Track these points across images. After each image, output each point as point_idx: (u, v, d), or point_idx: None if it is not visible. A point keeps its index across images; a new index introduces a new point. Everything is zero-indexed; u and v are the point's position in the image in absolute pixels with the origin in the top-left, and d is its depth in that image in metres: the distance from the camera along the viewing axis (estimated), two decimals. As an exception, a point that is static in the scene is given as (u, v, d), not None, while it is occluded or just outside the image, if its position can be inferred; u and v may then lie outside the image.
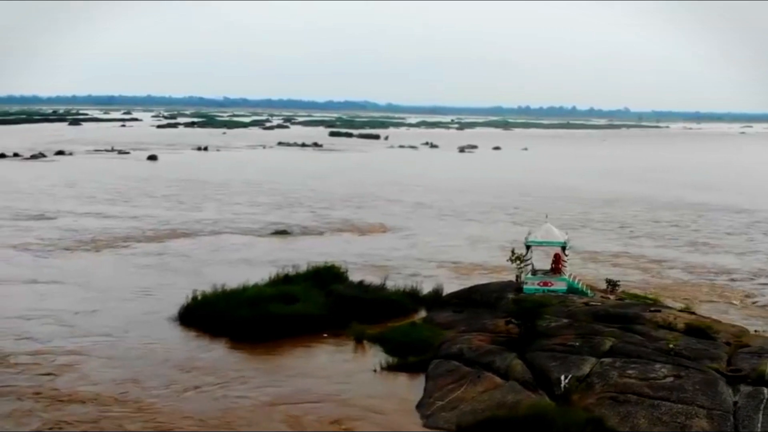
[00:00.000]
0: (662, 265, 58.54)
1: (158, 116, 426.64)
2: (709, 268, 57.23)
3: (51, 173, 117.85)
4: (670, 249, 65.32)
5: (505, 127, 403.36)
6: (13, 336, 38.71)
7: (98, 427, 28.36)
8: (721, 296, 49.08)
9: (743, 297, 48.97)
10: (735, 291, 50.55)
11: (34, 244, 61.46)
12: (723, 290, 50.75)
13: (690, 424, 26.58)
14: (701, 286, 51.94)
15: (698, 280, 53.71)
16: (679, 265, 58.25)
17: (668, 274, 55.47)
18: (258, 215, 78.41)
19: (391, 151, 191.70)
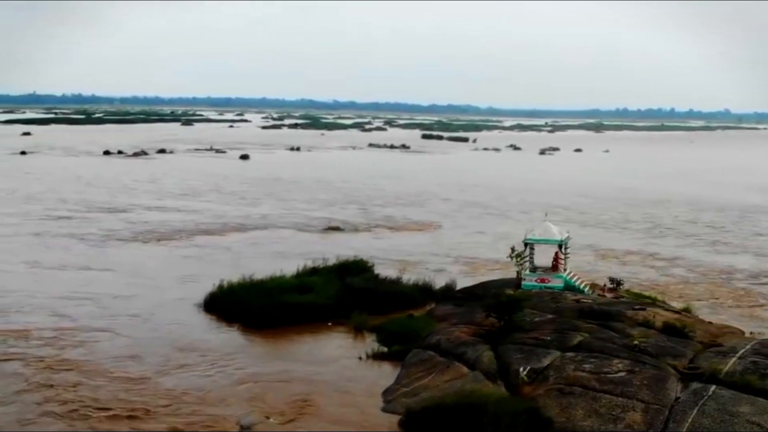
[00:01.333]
0: (674, 263, 57.67)
1: (267, 118, 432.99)
2: (720, 269, 56.02)
3: (141, 170, 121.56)
4: (690, 248, 64.22)
5: (596, 130, 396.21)
6: (48, 313, 40.97)
7: (73, 390, 30.42)
8: (725, 296, 48.03)
9: (743, 297, 47.91)
10: (736, 290, 49.67)
11: (96, 234, 63.97)
12: (727, 290, 49.67)
13: (623, 417, 26.42)
14: (704, 284, 51.13)
15: (702, 279, 52.82)
16: (689, 265, 57.24)
17: (675, 273, 54.68)
18: (310, 211, 79.44)
19: (473, 153, 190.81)
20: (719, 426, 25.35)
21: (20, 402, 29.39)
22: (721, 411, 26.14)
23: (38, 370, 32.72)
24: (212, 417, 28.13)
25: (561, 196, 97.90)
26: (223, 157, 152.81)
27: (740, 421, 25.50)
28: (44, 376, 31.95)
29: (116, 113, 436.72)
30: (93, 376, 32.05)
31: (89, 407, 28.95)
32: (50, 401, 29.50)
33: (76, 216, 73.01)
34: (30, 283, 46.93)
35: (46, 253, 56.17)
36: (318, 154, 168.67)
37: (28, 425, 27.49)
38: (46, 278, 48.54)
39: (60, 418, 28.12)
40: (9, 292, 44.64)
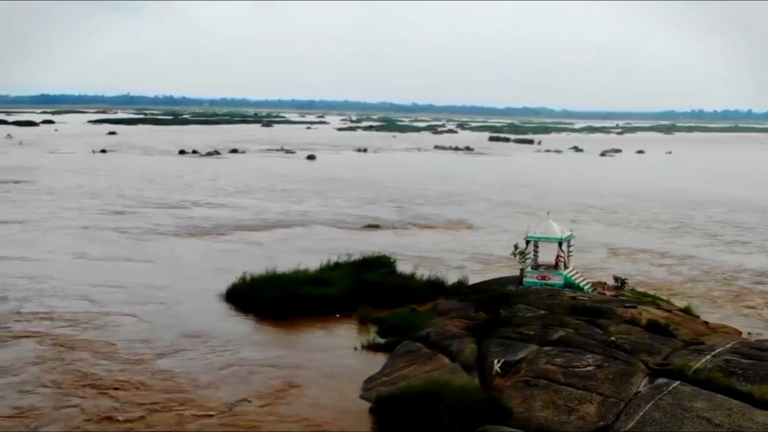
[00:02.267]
0: (683, 262, 57.06)
1: (346, 120, 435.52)
2: (727, 268, 55.10)
3: (207, 168, 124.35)
4: (706, 248, 63.28)
5: (667, 132, 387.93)
6: (80, 298, 42.93)
7: (72, 368, 31.95)
8: (728, 295, 47.27)
9: (744, 296, 47.19)
10: (740, 290, 48.87)
11: (144, 228, 66.07)
12: (730, 290, 48.86)
13: (578, 409, 26.44)
14: (709, 283, 50.49)
15: (705, 278, 52.16)
16: (698, 264, 56.52)
17: (683, 272, 54.16)
18: (350, 209, 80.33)
19: (533, 155, 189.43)
20: (669, 420, 25.21)
21: (25, 373, 31.23)
22: (675, 406, 25.96)
23: (52, 347, 34.54)
24: (199, 396, 29.20)
25: (600, 197, 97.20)
26: (290, 158, 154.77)
27: (691, 416, 25.31)
28: (55, 353, 33.77)
29: (203, 114, 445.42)
30: (99, 355, 33.62)
31: (83, 380, 30.61)
32: (51, 373, 31.30)
33: (129, 211, 75.36)
34: (71, 272, 48.97)
35: (94, 244, 58.38)
36: (382, 156, 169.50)
37: (25, 395, 29.11)
38: (87, 268, 50.52)
39: (56, 388, 29.90)
40: (50, 279, 46.79)
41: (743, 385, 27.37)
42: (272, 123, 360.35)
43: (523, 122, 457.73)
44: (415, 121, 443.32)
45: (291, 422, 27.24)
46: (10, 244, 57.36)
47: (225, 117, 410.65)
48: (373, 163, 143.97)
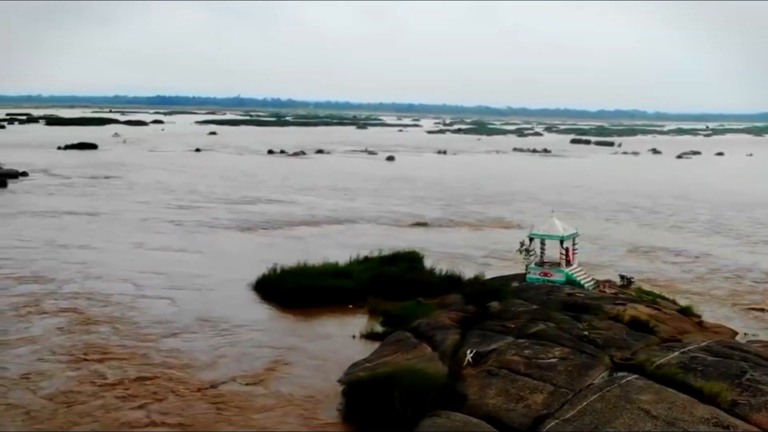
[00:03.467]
0: (696, 261, 56.22)
1: (439, 123, 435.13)
2: (738, 267, 54.00)
3: (285, 167, 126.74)
4: (728, 248, 62.11)
5: (756, 134, 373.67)
6: (122, 281, 45.43)
7: (87, 340, 34.48)
8: (735, 296, 46.26)
9: (747, 295, 46.18)
10: (746, 289, 47.91)
11: (203, 221, 68.49)
12: (740, 290, 47.75)
13: (527, 398, 26.78)
14: (716, 282, 49.66)
15: (713, 276, 51.31)
16: (710, 263, 55.48)
17: (695, 270, 53.27)
18: (400, 207, 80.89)
19: (608, 157, 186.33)
20: (608, 410, 25.30)
21: (48, 342, 33.99)
22: (621, 398, 26.02)
23: (79, 323, 36.98)
24: (187, 374, 30.73)
25: (651, 198, 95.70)
26: (371, 158, 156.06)
27: (631, 408, 25.34)
28: (78, 327, 36.25)
29: (305, 117, 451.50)
30: (117, 331, 35.96)
31: (92, 350, 33.11)
32: (67, 343, 33.80)
33: (194, 206, 77.99)
34: (124, 259, 51.48)
35: (152, 235, 60.93)
36: (458, 158, 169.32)
37: (37, 362, 31.56)
38: (140, 256, 52.89)
39: (67, 355, 32.52)
40: (101, 265, 49.41)
41: (697, 380, 27.21)
42: (367, 125, 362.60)
43: (614, 125, 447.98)
44: (505, 124, 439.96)
45: (266, 398, 28.46)
46: (76, 234, 60.39)
47: (325, 119, 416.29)
48: (446, 165, 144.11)
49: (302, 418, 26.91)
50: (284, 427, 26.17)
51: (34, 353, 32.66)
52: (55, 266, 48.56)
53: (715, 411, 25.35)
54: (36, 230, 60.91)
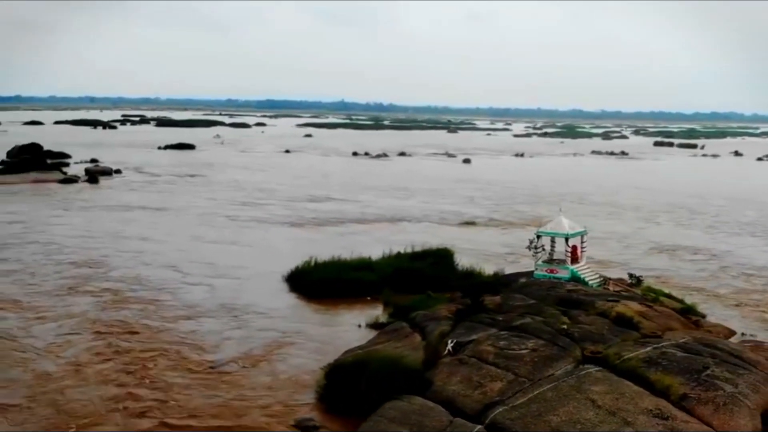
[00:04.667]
0: (714, 260, 55.02)
1: (529, 127, 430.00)
2: (758, 266, 52.70)
3: (362, 168, 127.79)
4: (750, 248, 60.33)
5: None
6: (169, 268, 47.86)
7: (112, 317, 36.90)
8: (741, 294, 45.22)
9: (752, 293, 45.00)
10: (754, 288, 46.74)
11: (261, 217, 70.32)
12: (749, 289, 46.70)
13: (485, 385, 27.16)
14: (728, 280, 48.63)
15: (723, 275, 50.23)
16: (724, 262, 54.21)
17: (709, 268, 52.14)
18: (450, 206, 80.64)
19: (685, 159, 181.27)
20: (556, 399, 25.61)
21: (82, 317, 36.91)
22: (573, 388, 26.29)
23: (114, 302, 39.60)
24: (195, 353, 32.38)
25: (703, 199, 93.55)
26: (448, 161, 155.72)
27: (580, 398, 25.62)
28: (114, 306, 38.91)
29: (402, 121, 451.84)
30: (145, 312, 38.11)
31: (115, 327, 35.60)
32: (97, 320, 36.48)
33: (257, 202, 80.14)
34: (177, 250, 53.88)
35: (210, 229, 63.23)
36: (533, 160, 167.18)
37: (66, 334, 34.29)
38: (193, 247, 55.11)
39: (90, 327, 35.28)
40: (154, 254, 52.00)
41: (656, 374, 27.27)
42: (458, 129, 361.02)
43: (707, 127, 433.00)
44: (595, 127, 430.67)
45: (256, 379, 29.81)
46: (140, 226, 63.33)
47: (420, 123, 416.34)
48: (516, 167, 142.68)
49: (280, 397, 28.09)
50: (259, 403, 27.29)
51: (66, 326, 35.51)
52: (111, 254, 51.34)
53: (663, 403, 25.39)
54: (105, 222, 64.15)
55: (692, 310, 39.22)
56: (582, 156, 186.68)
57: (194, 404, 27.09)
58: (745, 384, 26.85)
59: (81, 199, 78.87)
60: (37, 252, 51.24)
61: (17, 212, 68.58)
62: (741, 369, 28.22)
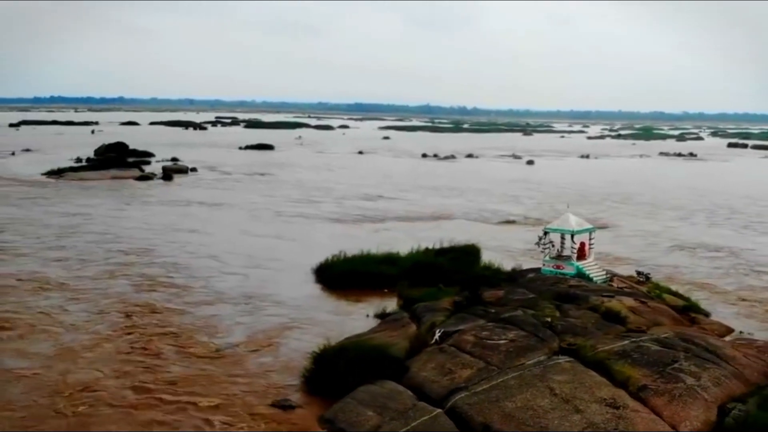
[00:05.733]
0: (724, 257, 53.64)
1: (606, 129, 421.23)
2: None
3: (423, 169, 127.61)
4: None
5: None
6: (209, 258, 49.76)
7: (145, 299, 39.22)
8: (749, 292, 44.08)
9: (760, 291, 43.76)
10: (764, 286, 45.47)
11: (309, 213, 71.45)
12: (758, 286, 45.49)
13: (455, 372, 27.55)
14: (738, 278, 47.59)
15: (733, 273, 48.98)
16: (741, 261, 52.74)
17: (723, 266, 51.02)
18: (494, 205, 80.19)
19: (753, 160, 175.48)
20: (517, 386, 25.86)
21: (115, 298, 39.24)
22: (536, 377, 26.54)
23: (147, 286, 41.76)
24: (201, 335, 33.68)
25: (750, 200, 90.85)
26: (512, 162, 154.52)
27: (540, 386, 25.87)
28: (146, 289, 40.97)
29: (482, 124, 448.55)
30: (172, 296, 40.06)
31: (140, 307, 37.60)
32: (127, 300, 38.61)
33: (312, 200, 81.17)
34: (223, 242, 55.60)
35: (258, 224, 64.88)
36: (599, 162, 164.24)
37: (97, 314, 36.47)
38: (238, 240, 56.69)
39: (119, 310, 37.09)
40: (200, 245, 53.90)
41: (622, 366, 27.38)
42: (534, 132, 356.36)
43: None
44: (673, 129, 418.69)
45: (253, 362, 30.76)
46: (194, 220, 65.54)
47: (499, 126, 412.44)
48: (578, 168, 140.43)
49: (270, 378, 29.05)
50: (245, 381, 28.38)
51: (99, 306, 37.72)
52: (159, 244, 53.60)
53: (620, 393, 25.47)
54: (163, 216, 66.73)
55: (694, 307, 38.65)
56: (648, 157, 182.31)
57: (181, 375, 28.65)
58: (709, 378, 26.63)
59: (147, 195, 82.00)
60: (92, 241, 53.92)
61: (85, 205, 72.03)
62: (710, 363, 27.95)
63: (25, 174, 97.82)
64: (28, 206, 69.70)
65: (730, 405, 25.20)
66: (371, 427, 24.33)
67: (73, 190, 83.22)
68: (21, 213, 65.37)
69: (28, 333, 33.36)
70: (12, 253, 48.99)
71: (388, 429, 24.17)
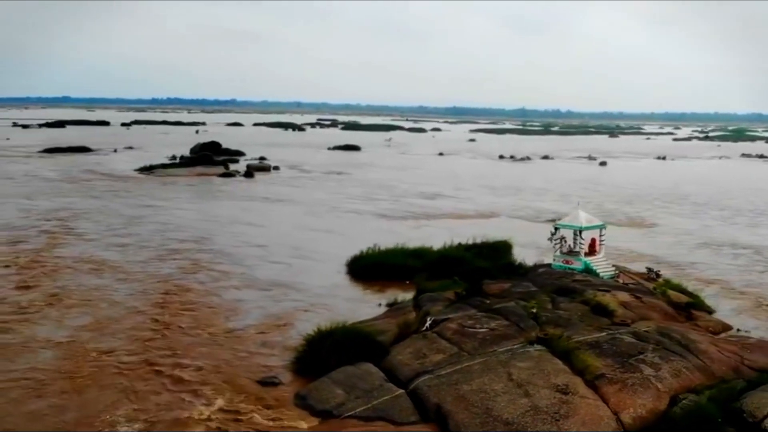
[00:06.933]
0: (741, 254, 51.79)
1: (697, 131, 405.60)
2: None
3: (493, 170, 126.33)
4: None
5: None
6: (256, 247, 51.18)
7: (182, 280, 41.36)
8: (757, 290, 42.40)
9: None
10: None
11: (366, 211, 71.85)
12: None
13: (428, 356, 28.10)
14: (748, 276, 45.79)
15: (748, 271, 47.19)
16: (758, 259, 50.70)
17: (740, 263, 49.25)
18: (546, 204, 78.76)
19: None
20: (478, 371, 26.17)
21: (161, 278, 41.67)
22: (500, 363, 26.82)
23: (189, 269, 43.99)
24: (219, 317, 35.14)
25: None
26: (585, 163, 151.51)
27: (500, 371, 26.15)
28: (188, 271, 43.31)
29: (573, 127, 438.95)
30: (206, 279, 41.94)
31: (176, 287, 39.80)
32: (169, 280, 40.99)
33: (373, 197, 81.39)
34: (275, 234, 56.98)
35: (313, 218, 66.12)
36: (674, 163, 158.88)
37: (141, 292, 38.59)
38: (290, 232, 58.09)
39: (158, 290, 39.02)
40: (253, 236, 55.52)
41: (587, 355, 27.35)
42: (620, 134, 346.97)
43: None
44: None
45: (257, 343, 31.85)
46: (255, 214, 67.31)
47: (588, 129, 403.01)
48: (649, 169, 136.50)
49: (267, 357, 30.09)
50: (241, 357, 29.70)
51: (144, 285, 39.97)
52: (215, 234, 55.78)
53: (575, 381, 25.55)
54: (227, 209, 69.20)
55: (697, 304, 37.74)
56: (728, 159, 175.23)
57: (183, 346, 30.41)
58: (669, 369, 26.36)
59: (221, 191, 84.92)
60: (155, 230, 56.70)
61: (161, 198, 75.48)
62: (676, 356, 27.61)
63: (119, 170, 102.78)
64: (109, 198, 73.60)
65: (683, 395, 24.79)
66: (336, 404, 25.22)
67: (155, 185, 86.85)
68: (99, 204, 69.20)
69: (74, 306, 35.83)
70: (80, 238, 52.26)
71: (351, 406, 25.02)
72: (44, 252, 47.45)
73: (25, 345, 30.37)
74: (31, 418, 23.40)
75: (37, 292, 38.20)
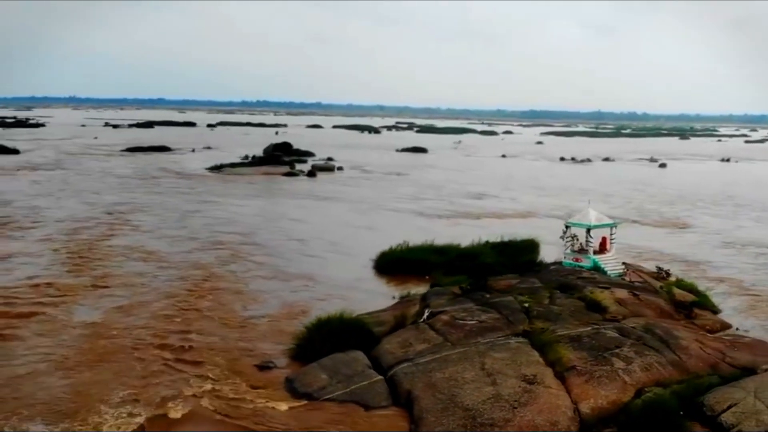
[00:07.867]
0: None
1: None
2: None
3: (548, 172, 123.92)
4: None
5: None
6: (295, 241, 52.26)
7: (218, 268, 42.84)
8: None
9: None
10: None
11: (410, 209, 71.72)
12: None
13: (413, 345, 28.45)
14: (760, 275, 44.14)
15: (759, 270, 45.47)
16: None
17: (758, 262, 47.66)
18: (580, 204, 75.68)
19: None
20: (455, 360, 26.44)
21: (202, 264, 43.62)
22: (478, 353, 27.04)
23: (228, 258, 45.59)
24: (238, 305, 36.22)
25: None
26: (644, 165, 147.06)
27: (476, 361, 26.36)
28: (226, 260, 44.92)
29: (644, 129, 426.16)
30: (239, 268, 43.26)
31: (211, 273, 41.52)
32: (206, 266, 42.91)
33: (420, 197, 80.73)
34: (317, 230, 57.63)
35: (357, 216, 66.53)
36: (736, 165, 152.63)
37: (179, 279, 40.34)
38: (332, 229, 58.57)
39: (192, 277, 40.72)
40: (296, 231, 56.41)
41: (564, 348, 27.31)
42: (692, 137, 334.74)
43: None
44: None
45: (267, 329, 32.69)
46: (303, 211, 68.29)
47: (660, 131, 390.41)
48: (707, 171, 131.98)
49: (270, 343, 30.80)
50: (244, 341, 30.69)
51: (183, 273, 41.69)
52: (262, 228, 57.15)
53: (545, 372, 25.65)
54: (279, 206, 70.79)
55: (702, 303, 36.77)
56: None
57: (197, 328, 31.69)
58: (640, 363, 26.14)
59: (280, 189, 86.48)
60: (206, 223, 58.54)
61: (221, 194, 77.54)
62: (652, 351, 27.32)
63: (191, 168, 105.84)
64: (171, 194, 76.22)
65: (649, 389, 24.49)
66: (317, 387, 25.91)
67: (218, 183, 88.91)
68: (161, 199, 71.81)
69: (113, 288, 37.92)
70: (136, 230, 54.64)
71: (330, 389, 25.67)
72: (99, 241, 49.90)
73: (64, 324, 32.21)
74: (40, 388, 24.95)
75: (86, 276, 40.40)
